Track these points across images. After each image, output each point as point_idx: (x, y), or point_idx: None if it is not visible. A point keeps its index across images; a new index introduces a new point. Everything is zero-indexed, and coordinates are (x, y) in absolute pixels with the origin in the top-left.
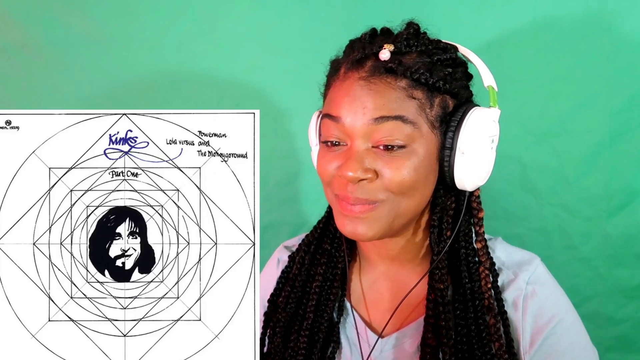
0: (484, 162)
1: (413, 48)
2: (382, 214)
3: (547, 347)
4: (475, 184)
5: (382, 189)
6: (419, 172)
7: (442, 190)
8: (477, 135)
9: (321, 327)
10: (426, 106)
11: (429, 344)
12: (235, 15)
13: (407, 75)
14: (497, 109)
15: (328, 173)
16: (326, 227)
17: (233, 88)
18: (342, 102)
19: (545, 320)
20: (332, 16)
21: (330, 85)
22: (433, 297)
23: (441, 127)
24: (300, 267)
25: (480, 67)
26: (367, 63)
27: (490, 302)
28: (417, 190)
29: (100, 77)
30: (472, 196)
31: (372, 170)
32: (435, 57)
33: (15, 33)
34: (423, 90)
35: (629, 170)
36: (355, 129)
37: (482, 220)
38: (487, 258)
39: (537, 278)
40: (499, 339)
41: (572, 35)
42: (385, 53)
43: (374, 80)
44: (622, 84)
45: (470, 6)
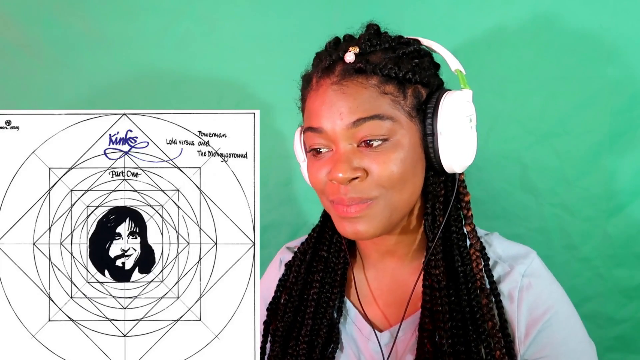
0: (466, 141)
1: (377, 47)
2: (378, 210)
3: (542, 339)
4: (463, 164)
5: (373, 185)
6: (406, 163)
7: (431, 178)
8: (454, 117)
9: (321, 330)
10: (399, 98)
11: (426, 328)
12: (235, 15)
13: (376, 72)
14: (469, 89)
15: (319, 181)
16: (321, 234)
17: (233, 88)
18: (320, 112)
19: (540, 312)
20: (332, 16)
21: (305, 98)
22: (430, 282)
23: (418, 115)
24: (297, 276)
25: (445, 54)
26: (336, 68)
27: (483, 282)
28: (407, 182)
29: (100, 77)
30: (457, 180)
31: (361, 169)
32: (399, 51)
33: (15, 33)
34: (394, 84)
35: (629, 170)
36: (336, 133)
37: (470, 204)
38: (477, 241)
39: (533, 271)
40: (492, 318)
41: (572, 35)
42: (350, 55)
43: (345, 83)
44: (622, 84)
45: (470, 6)
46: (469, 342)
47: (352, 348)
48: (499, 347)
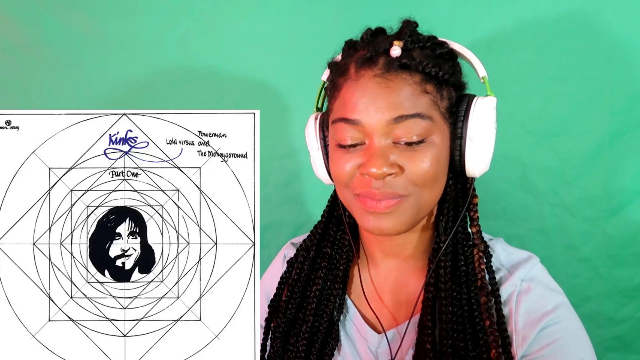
0: (490, 148)
1: (417, 44)
2: (407, 207)
3: (540, 342)
4: (482, 169)
5: (407, 182)
6: (440, 162)
7: (450, 180)
8: (484, 123)
9: (320, 326)
10: (437, 99)
11: (426, 325)
12: (235, 15)
13: (419, 70)
14: (494, 97)
15: (346, 173)
16: (325, 231)
17: (233, 88)
18: (359, 104)
19: (538, 316)
20: (332, 16)
21: (339, 87)
22: (434, 281)
23: (450, 118)
24: (300, 272)
25: (473, 60)
26: (379, 60)
27: (483, 282)
28: (437, 182)
29: (100, 77)
30: (471, 183)
31: (397, 165)
32: (437, 51)
33: (15, 33)
34: (433, 83)
35: (629, 170)
36: (374, 128)
37: (477, 206)
38: (482, 241)
39: (533, 276)
40: (490, 316)
41: (572, 35)
42: (397, 49)
43: (390, 77)
44: (622, 84)
45: (470, 6)
46: (467, 340)
47: (350, 346)
48: (496, 345)
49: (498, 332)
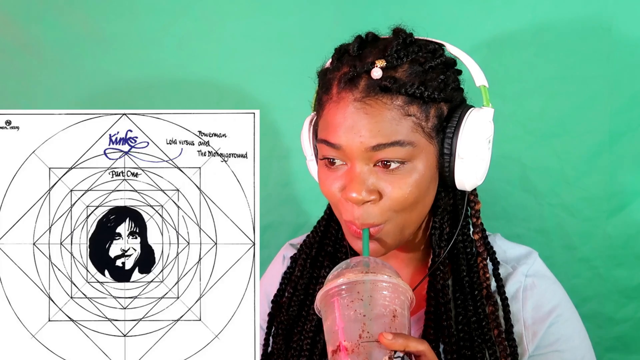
0: (482, 163)
1: (404, 59)
2: (390, 231)
3: (549, 336)
4: (475, 183)
5: (385, 209)
6: (421, 187)
7: (442, 193)
8: (474, 139)
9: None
10: (422, 120)
11: (430, 339)
12: (235, 15)
13: (401, 92)
14: (491, 107)
15: (333, 194)
16: (327, 229)
17: (233, 88)
18: (339, 129)
19: (546, 311)
20: (332, 16)
21: (323, 104)
22: (433, 294)
23: (438, 135)
24: (302, 270)
25: (471, 67)
26: (360, 82)
27: (489, 291)
28: (418, 204)
29: (100, 77)
30: (466, 193)
31: (376, 191)
32: (427, 64)
33: (15, 33)
34: (418, 104)
35: (629, 170)
36: (354, 153)
37: (479, 212)
38: (485, 249)
39: (536, 271)
40: (498, 326)
41: (572, 35)
42: (377, 71)
43: (369, 102)
44: (622, 84)
45: (471, 6)
46: (474, 351)
47: None
48: (505, 354)
49: (507, 341)
